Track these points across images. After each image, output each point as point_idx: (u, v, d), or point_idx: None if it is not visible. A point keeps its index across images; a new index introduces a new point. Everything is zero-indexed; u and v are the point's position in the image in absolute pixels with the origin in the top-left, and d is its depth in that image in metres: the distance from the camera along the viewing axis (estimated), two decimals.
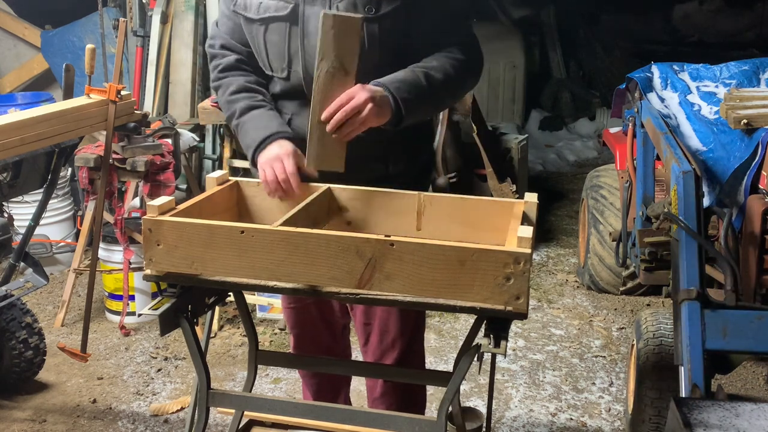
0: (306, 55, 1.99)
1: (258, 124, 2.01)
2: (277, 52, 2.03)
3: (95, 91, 3.05)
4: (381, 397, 2.36)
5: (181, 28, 5.06)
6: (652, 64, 3.78)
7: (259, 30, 2.03)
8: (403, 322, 2.24)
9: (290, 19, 1.98)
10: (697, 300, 2.20)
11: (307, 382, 2.49)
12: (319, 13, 1.90)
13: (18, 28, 5.96)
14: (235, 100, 2.07)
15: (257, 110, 2.04)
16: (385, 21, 1.95)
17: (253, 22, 2.03)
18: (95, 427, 3.08)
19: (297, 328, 2.40)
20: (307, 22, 1.97)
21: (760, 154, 2.75)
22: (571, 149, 7.84)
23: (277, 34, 2.01)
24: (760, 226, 2.58)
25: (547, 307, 4.28)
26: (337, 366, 2.33)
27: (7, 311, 3.12)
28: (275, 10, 1.99)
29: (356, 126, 1.83)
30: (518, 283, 1.51)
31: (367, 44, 1.95)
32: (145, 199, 3.83)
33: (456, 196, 1.89)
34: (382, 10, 1.94)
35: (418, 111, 1.96)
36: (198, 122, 4.34)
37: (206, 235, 1.62)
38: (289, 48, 2.01)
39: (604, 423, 3.16)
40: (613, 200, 4.20)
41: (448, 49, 2.00)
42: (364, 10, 1.93)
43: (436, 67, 1.97)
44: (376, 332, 2.27)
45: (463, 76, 2.04)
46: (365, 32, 1.93)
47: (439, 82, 1.96)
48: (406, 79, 1.92)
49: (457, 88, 2.08)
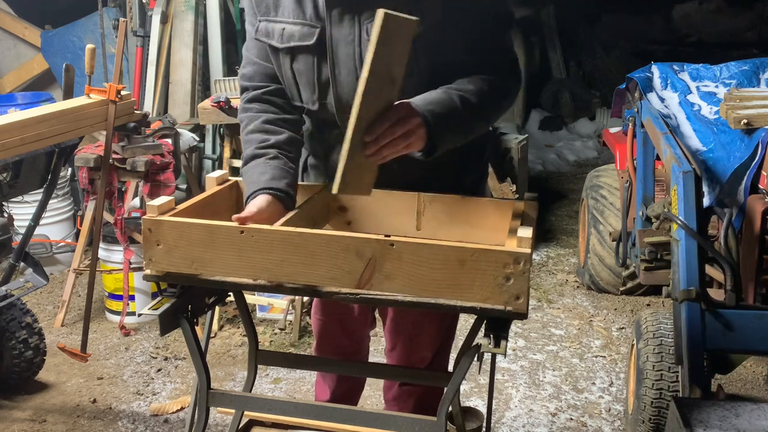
0: (338, 86, 1.85)
1: (250, 178, 1.86)
2: (306, 83, 1.89)
3: (95, 91, 3.05)
4: (396, 398, 2.35)
5: (181, 28, 5.06)
6: (652, 64, 3.78)
7: (286, 59, 1.88)
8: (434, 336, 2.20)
9: (318, 49, 1.83)
10: (697, 300, 2.20)
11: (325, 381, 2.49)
12: (346, 36, 1.80)
13: (18, 28, 5.96)
14: (247, 143, 1.94)
15: (256, 160, 1.88)
16: (418, 48, 1.74)
17: (278, 51, 1.89)
18: (95, 427, 3.08)
19: (319, 336, 2.40)
20: (336, 48, 1.82)
21: (760, 154, 2.75)
22: (571, 149, 7.84)
23: (304, 64, 1.86)
24: (760, 226, 2.58)
25: (547, 307, 4.28)
26: (337, 366, 2.33)
27: (7, 311, 3.12)
28: (300, 38, 1.84)
29: (398, 150, 1.67)
30: (518, 283, 1.50)
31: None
32: (145, 199, 3.83)
33: (456, 196, 1.89)
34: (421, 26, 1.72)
35: (452, 139, 1.79)
36: (198, 122, 4.34)
37: (206, 235, 1.62)
38: (318, 78, 1.86)
39: (604, 423, 3.15)
40: (613, 200, 4.20)
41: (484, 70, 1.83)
42: None
43: (471, 90, 1.79)
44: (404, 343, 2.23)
45: (499, 100, 1.86)
46: None
47: (476, 103, 1.79)
48: (441, 101, 1.74)
49: (491, 114, 1.90)
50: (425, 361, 2.24)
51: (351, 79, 1.83)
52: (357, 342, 2.43)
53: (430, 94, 1.77)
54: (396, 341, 2.26)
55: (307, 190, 1.96)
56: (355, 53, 1.82)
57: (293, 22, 1.85)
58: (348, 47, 1.82)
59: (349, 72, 1.83)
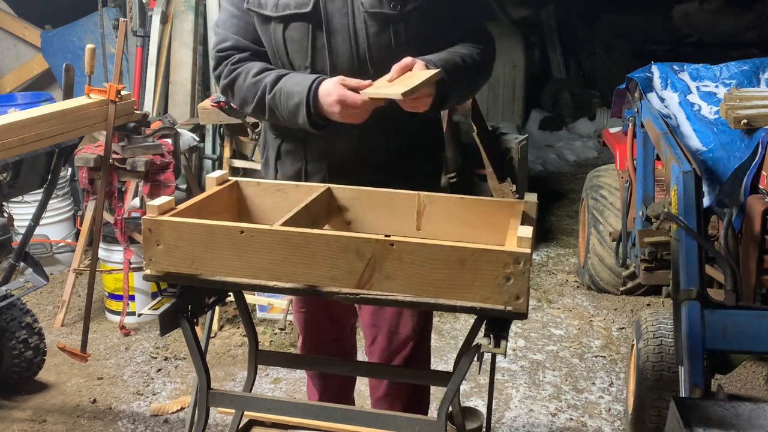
0: (332, 54, 1.96)
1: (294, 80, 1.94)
2: (298, 50, 1.99)
3: (95, 91, 3.05)
4: (384, 397, 2.35)
5: (181, 28, 5.06)
6: (652, 64, 3.78)
7: (278, 27, 1.98)
8: (411, 326, 2.22)
9: (312, 17, 1.95)
10: (697, 300, 2.20)
11: (314, 382, 2.49)
12: (340, 8, 1.93)
13: (18, 28, 5.96)
14: (260, 80, 1.99)
15: (287, 75, 1.97)
16: (410, 17, 1.95)
17: (270, 20, 1.99)
18: (95, 427, 3.08)
19: (306, 329, 2.39)
20: (330, 18, 1.95)
21: (760, 154, 2.75)
22: (571, 149, 7.84)
23: (298, 32, 1.97)
24: (760, 226, 2.58)
25: (547, 307, 4.28)
26: (337, 366, 2.33)
27: (7, 311, 3.12)
28: (296, 6, 1.95)
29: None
30: (518, 283, 1.50)
31: (394, 44, 1.94)
32: (145, 199, 3.83)
33: (456, 196, 1.89)
34: (407, 6, 1.94)
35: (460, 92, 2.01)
36: (198, 122, 4.34)
37: (206, 235, 1.62)
38: (313, 44, 1.97)
39: (604, 423, 3.15)
40: (613, 200, 4.20)
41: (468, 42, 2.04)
42: (389, 5, 1.93)
43: (465, 53, 2.00)
44: (385, 334, 2.25)
45: (486, 65, 2.07)
46: (392, 32, 1.95)
47: (472, 65, 1.99)
48: (444, 57, 1.94)
49: (483, 75, 2.10)
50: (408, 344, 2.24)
51: (346, 47, 1.96)
52: (342, 328, 2.44)
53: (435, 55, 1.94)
54: (377, 332, 2.27)
55: (308, 190, 1.96)
56: (349, 23, 1.95)
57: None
58: (342, 18, 1.95)
59: (344, 40, 1.96)
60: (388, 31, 1.95)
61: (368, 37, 1.95)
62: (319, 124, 1.93)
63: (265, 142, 2.23)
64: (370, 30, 1.95)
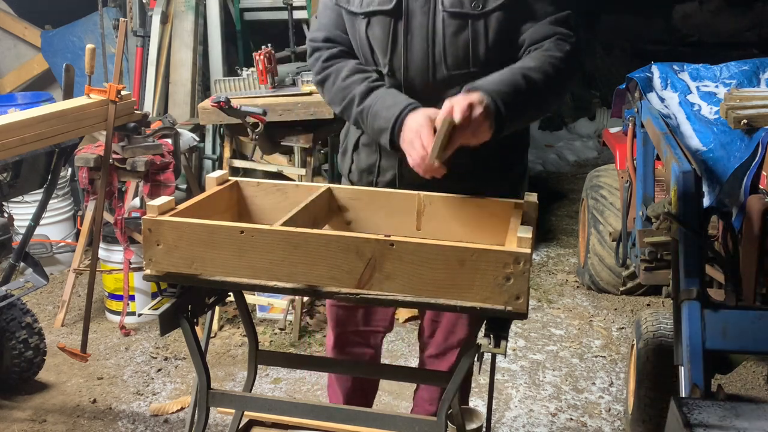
0: (408, 53, 1.94)
1: (385, 103, 1.90)
2: (379, 47, 1.97)
3: (95, 91, 3.05)
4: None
5: (181, 28, 5.06)
6: (652, 64, 3.78)
7: (362, 23, 1.97)
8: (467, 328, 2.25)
9: (395, 14, 1.93)
10: (697, 300, 2.20)
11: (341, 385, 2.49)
12: (422, 6, 1.90)
13: (18, 28, 5.96)
14: (351, 85, 1.98)
15: (378, 90, 1.94)
16: (491, 17, 1.89)
17: (356, 16, 1.98)
18: (95, 427, 3.08)
19: (339, 327, 2.37)
20: (412, 16, 1.93)
21: (760, 154, 2.75)
22: (571, 149, 7.83)
23: (380, 29, 1.96)
24: (760, 226, 2.58)
25: (547, 307, 4.28)
26: (338, 366, 2.33)
27: (7, 311, 3.12)
28: (379, 3, 1.94)
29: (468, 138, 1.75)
30: (518, 283, 1.50)
31: (471, 44, 1.90)
32: (145, 199, 3.83)
33: (456, 196, 1.89)
34: (488, 6, 1.89)
35: (520, 117, 1.87)
36: (198, 122, 4.34)
37: (206, 235, 1.62)
38: (393, 43, 1.95)
39: (604, 423, 3.16)
40: (613, 200, 4.20)
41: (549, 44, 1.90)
42: (470, 5, 1.88)
43: (534, 67, 1.86)
44: (443, 330, 2.32)
45: (564, 73, 1.91)
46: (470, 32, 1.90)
47: (539, 82, 1.85)
48: (505, 80, 1.82)
49: (559, 88, 1.95)
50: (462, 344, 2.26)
51: (422, 46, 1.93)
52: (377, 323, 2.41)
53: (493, 76, 1.84)
54: (436, 327, 2.34)
55: (308, 190, 1.96)
56: (429, 23, 1.92)
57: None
58: (423, 16, 1.92)
59: (421, 39, 1.93)
60: (466, 31, 1.90)
61: (445, 37, 1.91)
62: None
63: (347, 132, 2.22)
64: (448, 30, 1.91)
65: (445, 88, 1.94)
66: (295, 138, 3.75)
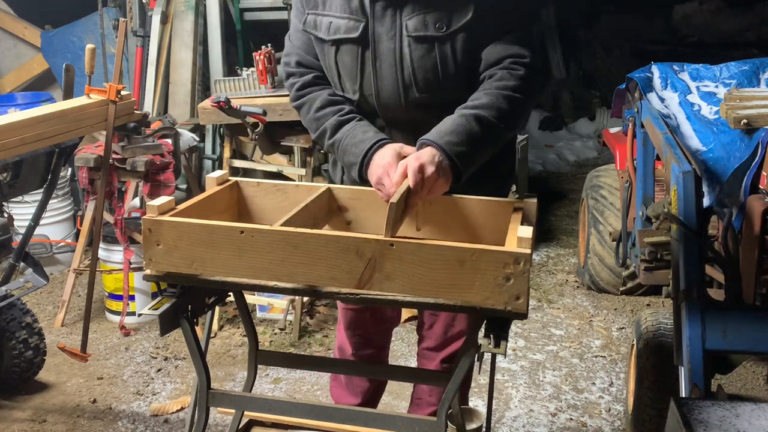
0: (378, 79, 1.95)
1: (354, 139, 1.92)
2: (348, 74, 1.99)
3: (95, 91, 3.05)
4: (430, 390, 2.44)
5: (181, 28, 5.06)
6: (652, 64, 3.78)
7: (330, 50, 1.98)
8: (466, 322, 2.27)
9: (361, 42, 1.94)
10: (697, 300, 2.20)
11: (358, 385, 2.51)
12: (388, 31, 1.90)
13: (18, 28, 5.96)
14: (323, 117, 1.99)
15: (348, 125, 1.96)
16: (457, 38, 1.89)
17: (324, 42, 1.99)
18: (95, 427, 3.08)
19: (351, 329, 2.42)
20: (378, 43, 1.93)
21: (760, 154, 2.74)
22: (571, 149, 7.83)
23: (348, 56, 1.96)
24: (760, 226, 2.58)
25: (547, 307, 4.28)
26: (339, 366, 2.33)
27: (7, 311, 3.12)
28: (345, 31, 1.94)
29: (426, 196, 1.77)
30: (518, 283, 1.50)
31: (440, 66, 1.91)
32: (145, 199, 3.83)
33: (456, 196, 1.89)
34: (453, 27, 1.88)
35: (477, 161, 1.86)
36: (198, 122, 4.34)
37: (206, 235, 1.62)
38: (362, 70, 1.96)
39: (604, 423, 3.15)
40: (613, 200, 4.20)
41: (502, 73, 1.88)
42: (434, 27, 1.88)
43: (486, 104, 1.85)
44: (442, 323, 2.34)
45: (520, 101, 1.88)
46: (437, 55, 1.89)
47: (494, 121, 1.83)
48: (458, 129, 1.81)
49: (516, 118, 1.92)
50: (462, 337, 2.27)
51: (391, 71, 1.94)
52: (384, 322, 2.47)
53: (445, 124, 1.83)
54: (435, 320, 2.36)
55: (308, 190, 1.96)
56: (395, 48, 1.92)
57: (340, 15, 1.95)
58: (389, 42, 1.92)
59: (389, 65, 1.93)
60: (433, 53, 1.90)
61: (413, 61, 1.91)
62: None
63: None
64: (415, 54, 1.91)
65: (419, 110, 1.96)
66: (295, 138, 3.75)
